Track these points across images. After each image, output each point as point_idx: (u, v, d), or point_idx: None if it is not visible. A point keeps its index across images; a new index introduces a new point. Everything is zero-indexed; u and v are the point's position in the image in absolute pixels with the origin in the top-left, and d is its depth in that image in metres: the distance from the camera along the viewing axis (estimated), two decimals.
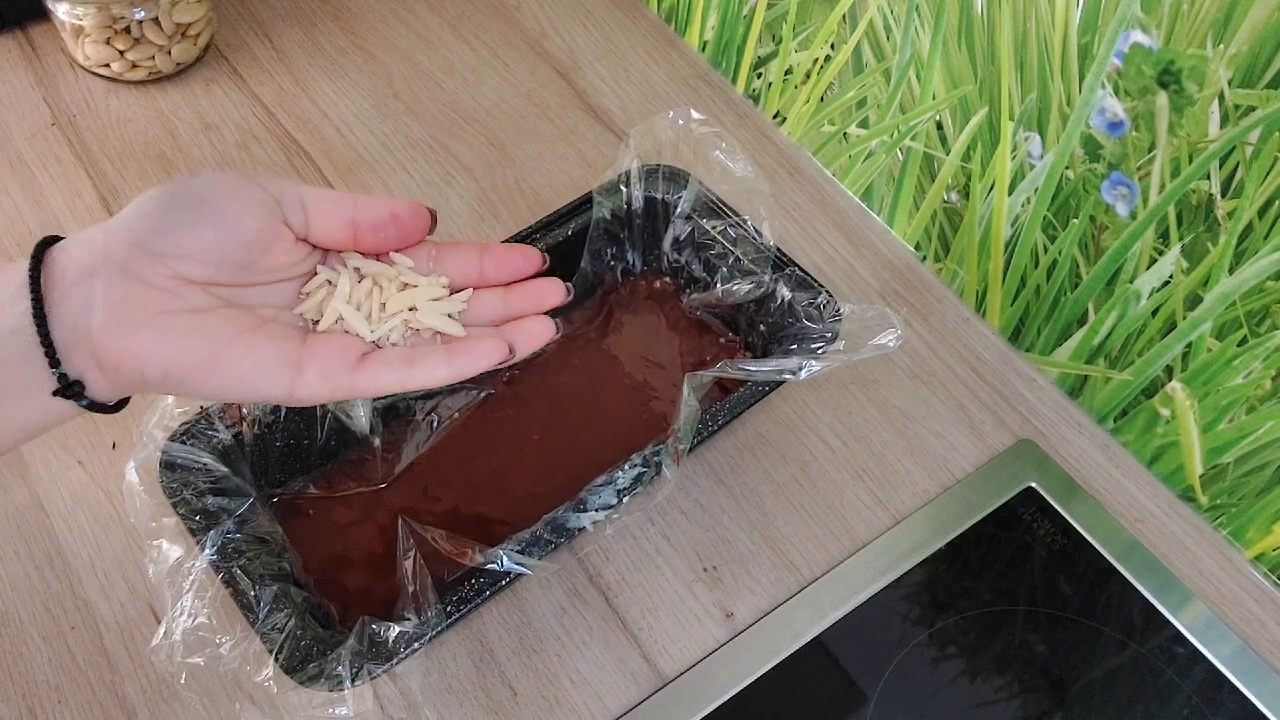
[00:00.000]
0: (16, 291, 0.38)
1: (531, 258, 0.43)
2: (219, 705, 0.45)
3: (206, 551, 0.46)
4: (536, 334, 0.42)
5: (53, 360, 0.37)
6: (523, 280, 0.44)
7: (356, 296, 0.41)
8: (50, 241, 0.40)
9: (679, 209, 0.60)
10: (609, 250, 0.62)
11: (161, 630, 0.44)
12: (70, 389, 0.38)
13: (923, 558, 0.56)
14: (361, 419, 0.55)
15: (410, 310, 0.42)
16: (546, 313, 0.43)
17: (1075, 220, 0.56)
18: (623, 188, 0.60)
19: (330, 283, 0.42)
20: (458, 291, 0.43)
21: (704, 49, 0.78)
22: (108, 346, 0.38)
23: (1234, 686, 0.52)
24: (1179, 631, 0.54)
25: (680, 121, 0.58)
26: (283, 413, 0.53)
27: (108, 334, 0.38)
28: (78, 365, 0.38)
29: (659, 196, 0.61)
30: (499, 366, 0.42)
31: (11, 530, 0.56)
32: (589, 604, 0.55)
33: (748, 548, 0.56)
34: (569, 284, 0.44)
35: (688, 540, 0.57)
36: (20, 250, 0.67)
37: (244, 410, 0.52)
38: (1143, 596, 0.55)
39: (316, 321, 0.41)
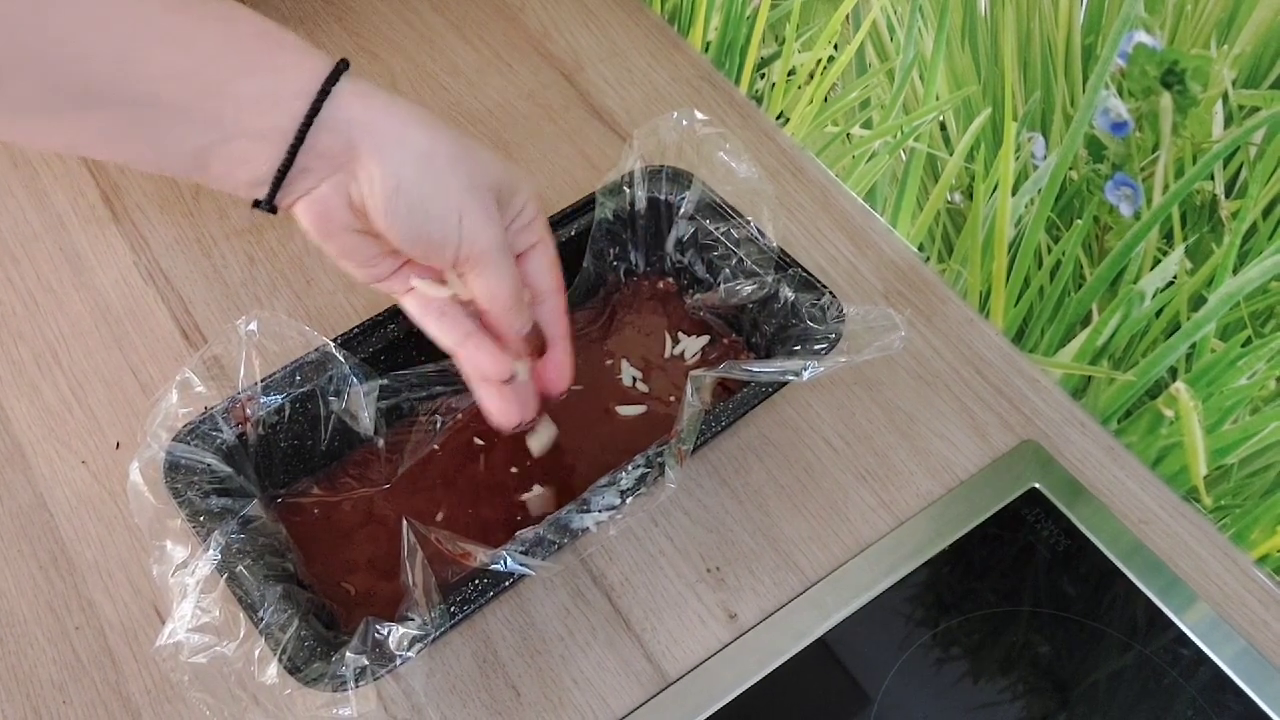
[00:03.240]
0: (297, 96, 0.40)
1: (562, 380, 0.53)
2: (223, 705, 0.45)
3: (210, 552, 0.46)
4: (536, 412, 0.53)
5: (308, 121, 0.40)
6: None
7: None
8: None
9: (682, 209, 0.60)
10: (611, 250, 0.62)
11: (166, 630, 0.44)
12: (268, 198, 0.42)
13: (926, 559, 0.56)
14: (365, 420, 0.55)
15: None
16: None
17: (1079, 221, 0.56)
18: (626, 188, 0.60)
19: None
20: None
21: (707, 50, 0.78)
22: (308, 209, 0.43)
23: (1238, 688, 0.52)
24: (1183, 633, 0.54)
25: (684, 122, 0.58)
26: (287, 413, 0.53)
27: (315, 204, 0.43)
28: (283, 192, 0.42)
29: (662, 197, 0.61)
30: (495, 382, 0.50)
31: (15, 530, 0.56)
32: (592, 605, 0.55)
33: (751, 548, 0.56)
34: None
35: (691, 541, 0.57)
36: (24, 252, 0.67)
37: (248, 410, 0.52)
38: (1147, 598, 0.55)
39: None
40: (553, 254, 0.50)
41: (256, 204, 0.43)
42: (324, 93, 0.40)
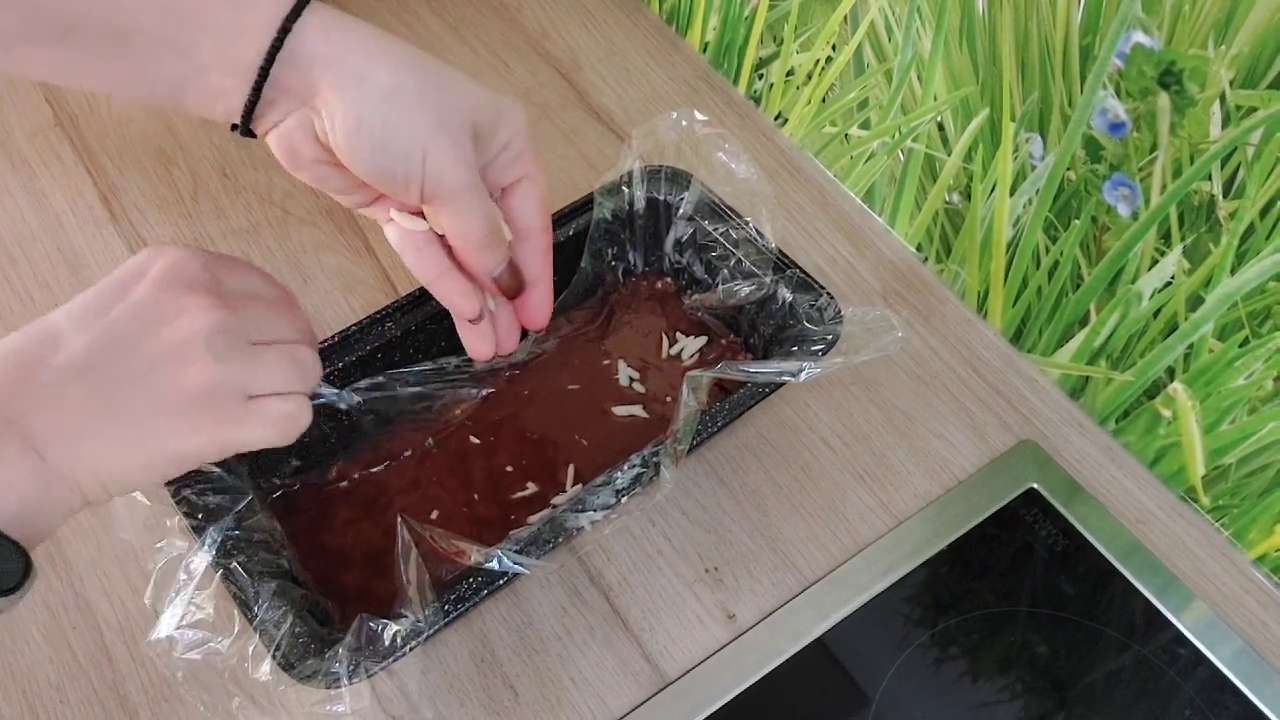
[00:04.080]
0: (262, 28, 0.41)
1: (537, 320, 0.53)
2: (217, 701, 0.45)
3: (205, 548, 0.46)
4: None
5: (269, 60, 0.41)
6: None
7: None
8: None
9: (681, 210, 0.60)
10: (610, 250, 0.62)
11: (160, 626, 0.44)
12: (242, 128, 0.42)
13: (924, 559, 0.56)
14: (365, 417, 0.55)
15: None
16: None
17: (1077, 221, 0.56)
18: (624, 188, 0.60)
19: None
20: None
21: (705, 50, 0.78)
22: (277, 141, 0.45)
23: (1236, 688, 0.52)
24: (1181, 633, 0.54)
25: (683, 122, 0.58)
26: None
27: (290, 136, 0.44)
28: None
29: (661, 197, 0.61)
30: (467, 317, 0.51)
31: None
32: (590, 604, 0.55)
33: (749, 548, 0.56)
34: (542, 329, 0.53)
35: (689, 541, 0.57)
36: (21, 252, 0.67)
37: None
38: (1144, 597, 0.55)
39: None
40: (540, 190, 0.49)
41: (234, 128, 0.44)
42: (284, 29, 0.40)
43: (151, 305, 0.39)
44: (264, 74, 0.41)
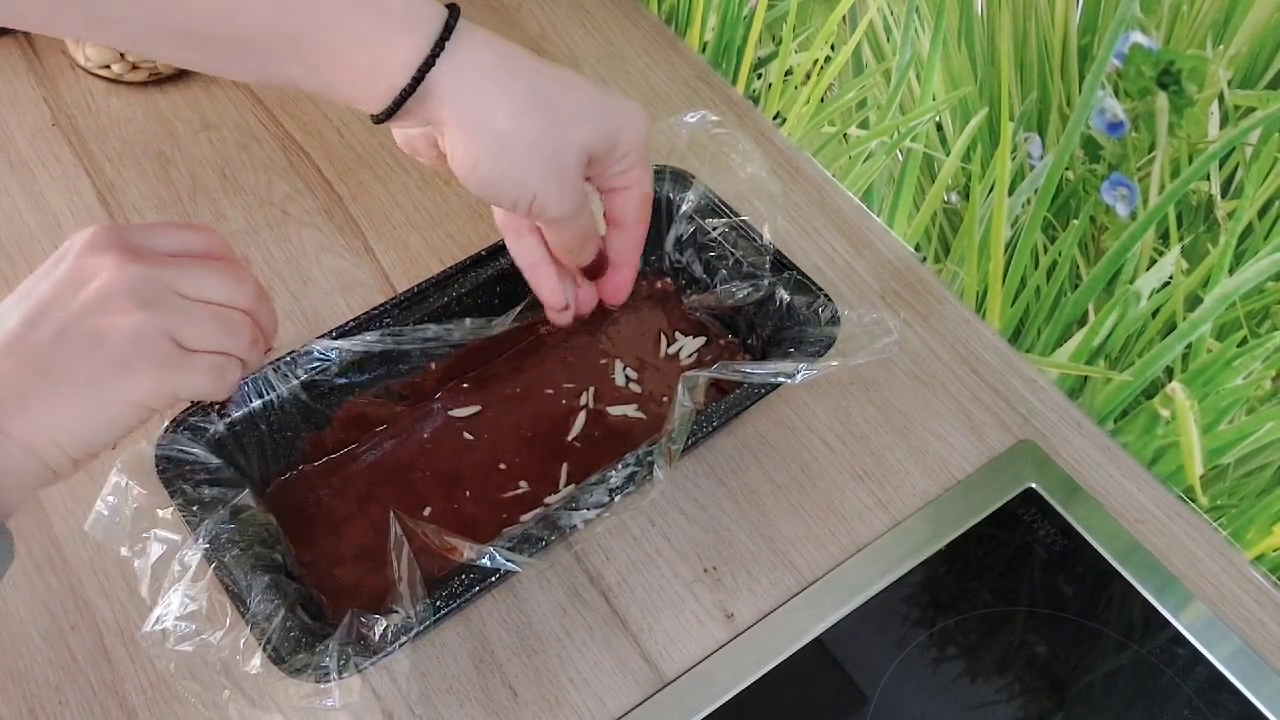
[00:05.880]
0: (394, 70, 0.41)
1: (616, 297, 0.56)
2: (208, 693, 0.45)
3: (199, 541, 0.46)
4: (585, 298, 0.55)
5: (400, 100, 0.42)
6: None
7: None
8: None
9: (682, 209, 0.60)
10: None
11: (153, 617, 0.44)
12: (395, 109, 0.42)
13: (923, 558, 0.56)
14: (362, 414, 0.55)
15: None
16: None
17: (1075, 221, 0.56)
18: None
19: None
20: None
21: (704, 50, 0.78)
22: (401, 135, 0.48)
23: (1234, 687, 0.52)
24: (1179, 632, 0.54)
25: (692, 120, 0.58)
26: (278, 403, 0.53)
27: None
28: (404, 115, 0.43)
29: (663, 196, 0.61)
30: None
31: (11, 529, 0.56)
32: (589, 604, 0.55)
33: (748, 548, 0.56)
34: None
35: (688, 541, 0.57)
36: (20, 252, 0.67)
37: (231, 406, 0.52)
38: (1143, 597, 0.55)
39: None
40: (645, 192, 0.51)
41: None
42: (418, 78, 0.41)
43: (72, 274, 0.41)
44: (394, 109, 0.42)
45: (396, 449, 0.57)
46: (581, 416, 0.58)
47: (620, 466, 0.50)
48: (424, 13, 0.41)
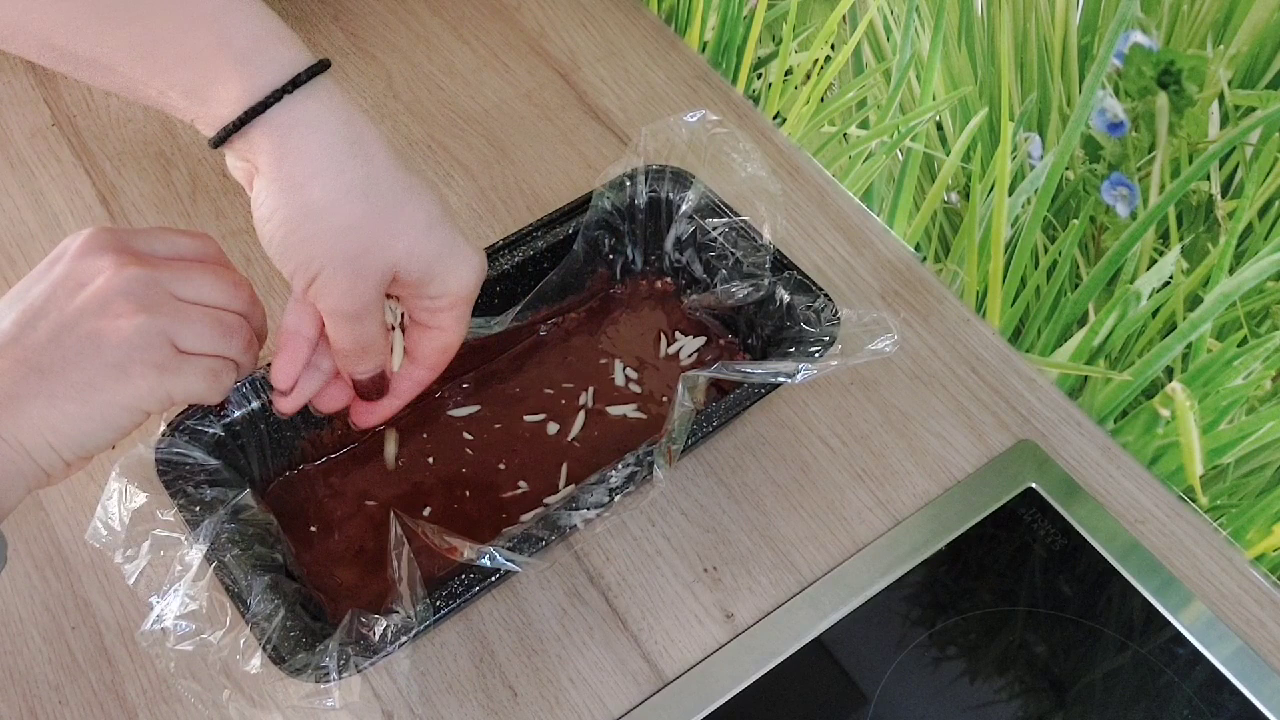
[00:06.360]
0: (241, 97, 0.41)
1: (366, 421, 0.51)
2: (208, 693, 0.45)
3: (200, 541, 0.46)
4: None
5: (224, 134, 0.41)
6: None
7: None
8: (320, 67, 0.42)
9: (682, 209, 0.60)
10: (607, 240, 0.62)
11: (152, 617, 0.44)
12: (220, 139, 0.42)
13: (923, 558, 0.56)
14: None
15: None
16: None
17: (1075, 221, 0.56)
18: (628, 183, 0.60)
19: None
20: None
21: (704, 50, 0.78)
22: (232, 164, 0.45)
23: (1234, 687, 0.52)
24: (1179, 632, 0.54)
25: (692, 120, 0.58)
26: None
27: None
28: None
29: (663, 196, 0.61)
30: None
31: (11, 530, 0.56)
32: (589, 604, 0.55)
33: (748, 548, 0.56)
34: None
35: (688, 541, 0.57)
36: (20, 252, 0.67)
37: (230, 404, 0.52)
38: (1143, 597, 0.55)
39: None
40: (447, 343, 0.48)
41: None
42: (242, 120, 0.40)
43: (69, 276, 0.40)
44: (221, 139, 0.41)
45: (396, 449, 0.57)
46: (581, 416, 0.58)
47: (620, 466, 0.50)
48: (273, 56, 0.40)
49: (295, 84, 0.40)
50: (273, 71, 0.40)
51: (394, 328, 0.49)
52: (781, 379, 0.52)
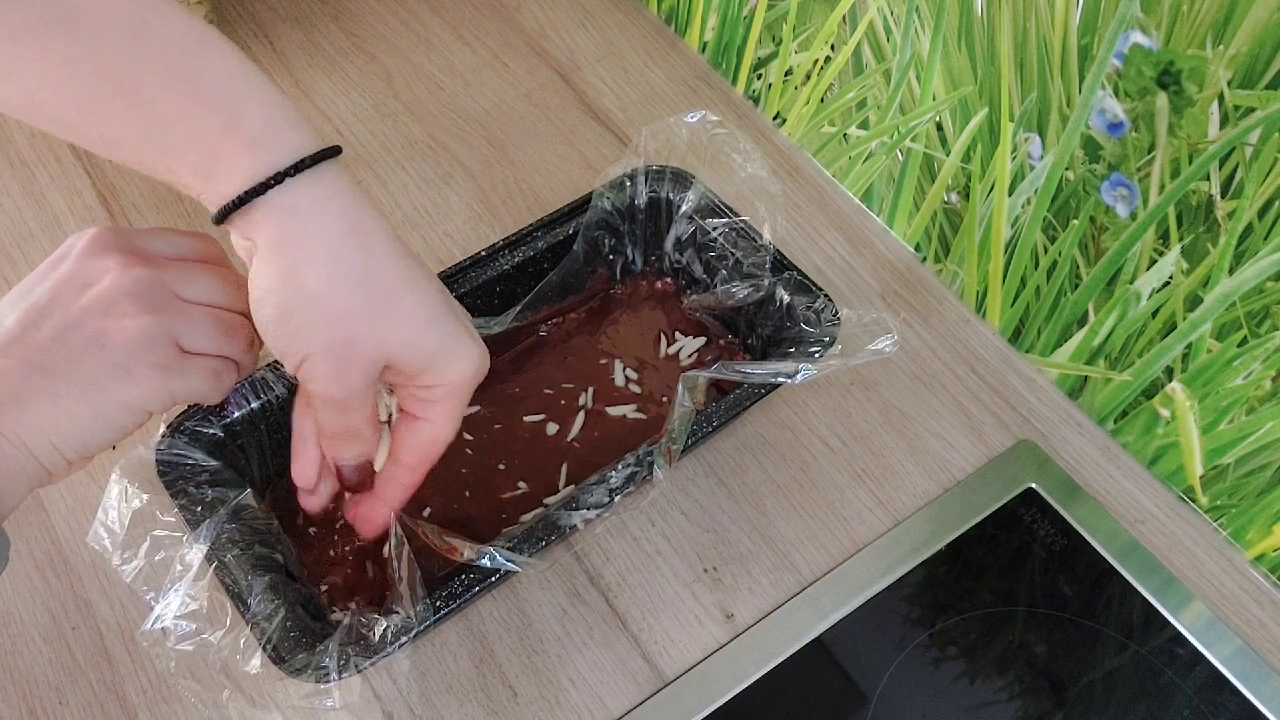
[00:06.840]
0: (247, 177, 0.40)
1: (362, 528, 0.50)
2: (208, 692, 0.45)
3: (200, 541, 0.46)
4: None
5: (225, 212, 0.40)
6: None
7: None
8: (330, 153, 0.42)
9: (683, 209, 0.60)
10: (607, 240, 0.62)
11: (153, 617, 0.44)
12: (222, 217, 0.41)
13: (923, 559, 0.56)
14: None
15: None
16: None
17: (1075, 221, 0.56)
18: (628, 183, 0.60)
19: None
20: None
21: (704, 50, 0.78)
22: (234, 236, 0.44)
23: (1234, 687, 0.52)
24: (1179, 632, 0.54)
25: (692, 120, 0.58)
26: (276, 404, 0.53)
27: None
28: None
29: (663, 196, 0.61)
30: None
31: (12, 530, 0.56)
32: (589, 604, 0.55)
33: (748, 548, 0.56)
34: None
35: (688, 541, 0.57)
36: (20, 252, 0.67)
37: (231, 404, 0.52)
38: (1143, 597, 0.55)
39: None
40: (435, 435, 0.46)
41: None
42: (242, 200, 0.40)
43: (75, 275, 0.40)
44: (223, 217, 0.41)
45: None
46: (581, 417, 0.58)
47: (620, 466, 0.50)
48: (282, 139, 0.40)
49: (299, 167, 0.40)
50: (279, 154, 0.40)
51: (386, 422, 0.48)
52: (781, 379, 0.52)
